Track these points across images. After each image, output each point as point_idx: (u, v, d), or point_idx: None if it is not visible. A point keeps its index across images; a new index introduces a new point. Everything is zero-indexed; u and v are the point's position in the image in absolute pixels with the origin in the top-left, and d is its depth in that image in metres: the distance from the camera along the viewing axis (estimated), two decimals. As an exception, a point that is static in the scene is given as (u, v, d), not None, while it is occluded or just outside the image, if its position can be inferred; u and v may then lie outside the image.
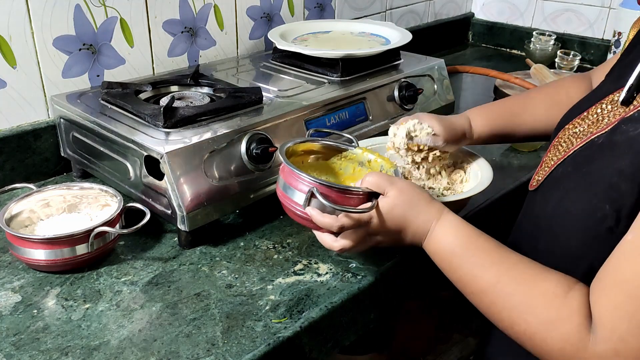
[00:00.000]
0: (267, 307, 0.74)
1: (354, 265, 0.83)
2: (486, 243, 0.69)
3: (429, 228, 0.72)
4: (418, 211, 0.72)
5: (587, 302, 0.60)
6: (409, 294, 0.90)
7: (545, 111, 0.94)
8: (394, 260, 0.83)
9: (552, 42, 1.77)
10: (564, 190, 0.69)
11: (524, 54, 1.85)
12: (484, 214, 0.97)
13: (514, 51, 1.97)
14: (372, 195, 0.72)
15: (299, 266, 0.82)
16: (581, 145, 0.70)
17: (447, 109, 1.25)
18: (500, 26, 1.99)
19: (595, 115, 0.72)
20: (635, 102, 0.66)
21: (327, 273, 0.81)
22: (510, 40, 1.97)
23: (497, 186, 0.93)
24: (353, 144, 0.85)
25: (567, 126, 0.76)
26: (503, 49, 1.99)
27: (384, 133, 1.07)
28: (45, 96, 1.03)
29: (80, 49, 1.05)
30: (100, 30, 1.07)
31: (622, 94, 0.67)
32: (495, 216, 1.00)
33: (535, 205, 0.77)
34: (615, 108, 0.69)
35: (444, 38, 1.93)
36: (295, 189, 0.72)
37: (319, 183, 0.70)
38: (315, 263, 0.83)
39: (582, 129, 0.73)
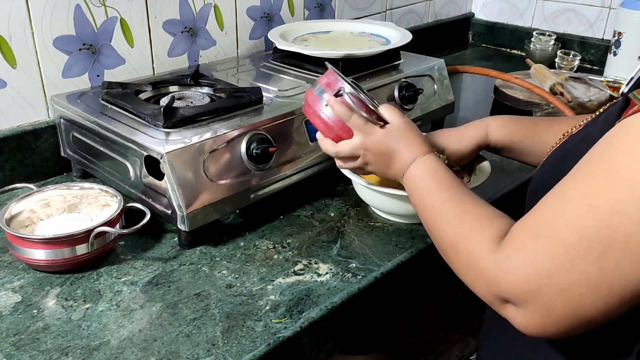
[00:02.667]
0: (267, 307, 0.74)
1: (354, 265, 0.83)
2: (451, 175, 0.75)
3: (411, 161, 0.78)
4: (409, 145, 0.79)
5: (508, 228, 0.62)
6: (409, 294, 0.90)
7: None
8: (394, 261, 0.84)
9: (552, 42, 1.77)
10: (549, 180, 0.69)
11: (524, 54, 1.85)
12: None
13: (514, 51, 1.97)
14: (383, 121, 0.82)
15: (299, 266, 0.82)
16: (558, 145, 0.71)
17: (447, 109, 1.25)
18: (501, 26, 1.99)
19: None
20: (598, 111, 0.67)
21: (327, 273, 0.81)
22: (510, 41, 1.97)
23: (498, 186, 0.93)
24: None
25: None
26: (503, 49, 1.99)
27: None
28: (45, 96, 1.03)
29: (80, 49, 1.05)
30: (100, 30, 1.07)
31: (624, 87, 0.66)
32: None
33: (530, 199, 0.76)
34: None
35: (444, 38, 1.93)
36: (328, 89, 0.83)
37: (352, 86, 0.82)
38: (315, 263, 0.83)
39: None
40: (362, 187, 0.92)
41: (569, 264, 0.53)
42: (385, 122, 0.81)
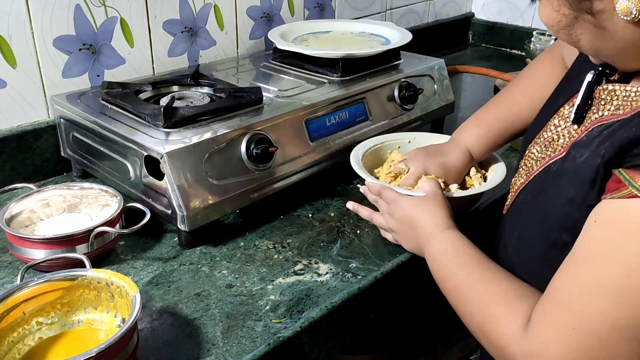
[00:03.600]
0: (267, 307, 0.74)
1: (354, 265, 0.83)
2: (472, 250, 0.74)
3: (432, 235, 0.78)
4: (431, 217, 0.79)
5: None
6: (409, 294, 0.90)
7: (529, 106, 0.93)
8: (394, 261, 0.84)
9: (552, 42, 1.77)
10: (524, 221, 0.72)
11: (524, 54, 1.85)
12: (485, 214, 0.98)
13: (514, 51, 1.97)
14: None
15: (299, 266, 0.82)
16: (540, 170, 0.72)
17: (447, 109, 1.24)
18: (501, 26, 1.99)
19: (550, 133, 0.73)
20: (585, 123, 0.66)
21: (327, 273, 0.81)
22: (510, 40, 1.97)
23: (498, 186, 0.93)
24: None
25: (529, 145, 0.77)
26: (503, 49, 1.99)
27: (384, 133, 1.07)
28: (45, 96, 1.03)
29: (80, 49, 1.05)
30: (100, 30, 1.07)
31: (572, 115, 0.68)
32: (496, 216, 1.00)
33: (505, 230, 0.79)
34: (568, 124, 0.70)
35: (444, 38, 1.93)
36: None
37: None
38: (315, 263, 0.83)
39: (539, 151, 0.74)
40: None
41: (606, 355, 0.55)
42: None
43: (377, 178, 0.95)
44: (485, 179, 0.97)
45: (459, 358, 1.36)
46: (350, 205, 0.91)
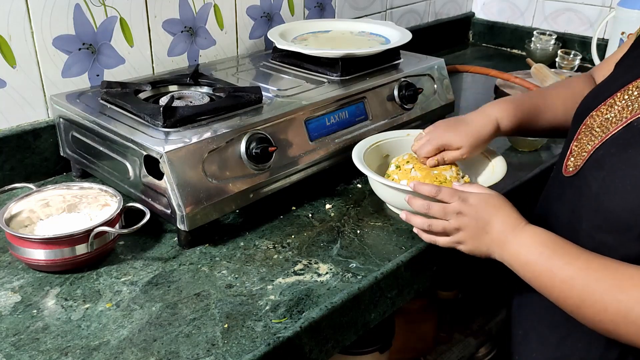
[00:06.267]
0: (267, 307, 0.74)
1: (354, 265, 0.83)
2: (570, 243, 0.71)
3: (512, 232, 0.74)
4: (504, 217, 0.76)
5: None
6: (409, 294, 0.90)
7: (563, 105, 0.95)
8: (394, 261, 0.83)
9: (552, 41, 1.77)
10: (609, 170, 0.71)
11: (524, 53, 1.84)
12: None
13: (514, 51, 1.97)
14: None
15: (299, 266, 0.82)
16: (619, 129, 0.72)
17: (447, 109, 1.24)
18: (501, 26, 1.98)
19: (623, 102, 0.74)
20: None
21: (327, 273, 0.81)
22: (510, 40, 1.97)
23: (497, 186, 0.93)
24: None
25: (593, 113, 0.78)
26: (503, 48, 1.99)
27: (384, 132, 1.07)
28: (44, 96, 1.03)
29: (80, 49, 1.05)
30: (100, 30, 1.07)
31: None
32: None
33: (573, 189, 0.77)
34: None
35: (444, 38, 1.93)
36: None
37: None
38: (315, 263, 0.83)
39: (613, 115, 0.74)
40: (378, 183, 0.91)
41: None
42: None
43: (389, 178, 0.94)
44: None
45: (458, 358, 1.36)
46: (404, 215, 0.84)
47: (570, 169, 0.78)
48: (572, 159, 0.79)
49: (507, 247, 0.74)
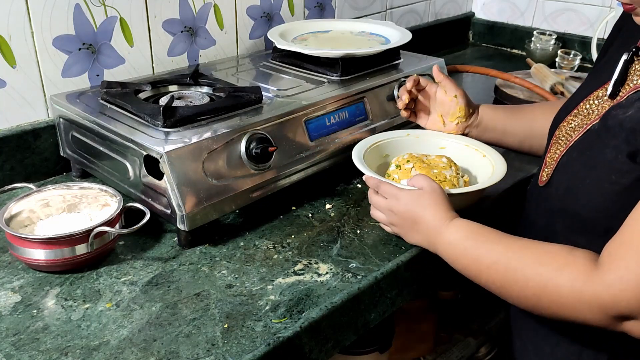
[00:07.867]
0: (267, 307, 0.74)
1: (354, 265, 0.83)
2: (492, 230, 0.77)
3: (441, 227, 0.79)
4: (435, 211, 0.80)
5: (592, 255, 0.67)
6: (409, 294, 0.90)
7: (542, 112, 1.03)
8: (394, 261, 0.83)
9: (552, 41, 1.77)
10: (572, 174, 0.76)
11: (524, 53, 1.84)
12: (484, 214, 0.97)
13: (514, 51, 1.97)
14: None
15: (299, 266, 0.82)
16: (580, 135, 0.77)
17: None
18: (501, 26, 1.98)
19: (585, 111, 0.79)
20: (620, 94, 0.74)
21: (327, 273, 0.81)
22: (510, 40, 1.97)
23: (497, 186, 0.93)
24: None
25: (561, 124, 0.83)
26: (503, 48, 1.99)
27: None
28: (44, 96, 1.03)
29: (80, 49, 1.05)
30: (100, 30, 1.07)
31: (609, 89, 0.75)
32: (494, 215, 1.00)
33: (546, 196, 0.82)
34: (602, 102, 0.77)
35: (444, 38, 1.92)
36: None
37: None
38: (315, 263, 0.83)
39: (576, 124, 0.80)
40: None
41: None
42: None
43: (389, 177, 0.94)
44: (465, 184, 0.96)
45: (458, 358, 1.36)
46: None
47: (544, 179, 0.83)
48: (546, 169, 0.83)
49: (437, 244, 0.80)
